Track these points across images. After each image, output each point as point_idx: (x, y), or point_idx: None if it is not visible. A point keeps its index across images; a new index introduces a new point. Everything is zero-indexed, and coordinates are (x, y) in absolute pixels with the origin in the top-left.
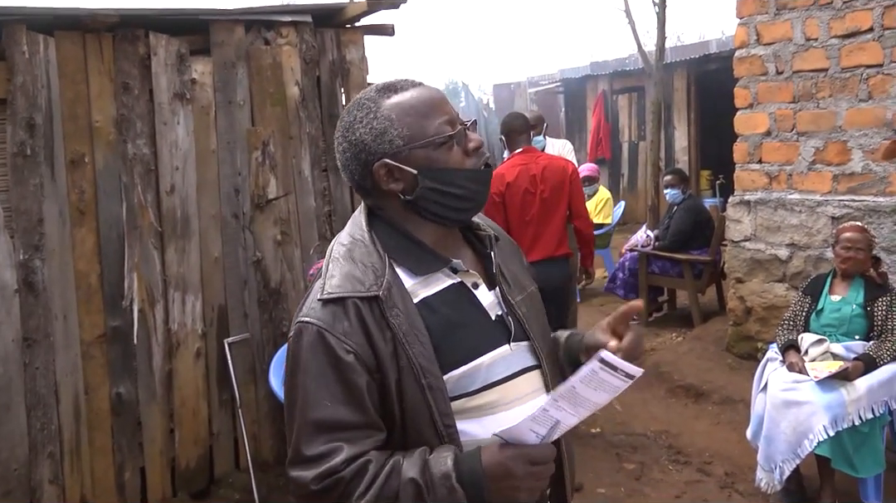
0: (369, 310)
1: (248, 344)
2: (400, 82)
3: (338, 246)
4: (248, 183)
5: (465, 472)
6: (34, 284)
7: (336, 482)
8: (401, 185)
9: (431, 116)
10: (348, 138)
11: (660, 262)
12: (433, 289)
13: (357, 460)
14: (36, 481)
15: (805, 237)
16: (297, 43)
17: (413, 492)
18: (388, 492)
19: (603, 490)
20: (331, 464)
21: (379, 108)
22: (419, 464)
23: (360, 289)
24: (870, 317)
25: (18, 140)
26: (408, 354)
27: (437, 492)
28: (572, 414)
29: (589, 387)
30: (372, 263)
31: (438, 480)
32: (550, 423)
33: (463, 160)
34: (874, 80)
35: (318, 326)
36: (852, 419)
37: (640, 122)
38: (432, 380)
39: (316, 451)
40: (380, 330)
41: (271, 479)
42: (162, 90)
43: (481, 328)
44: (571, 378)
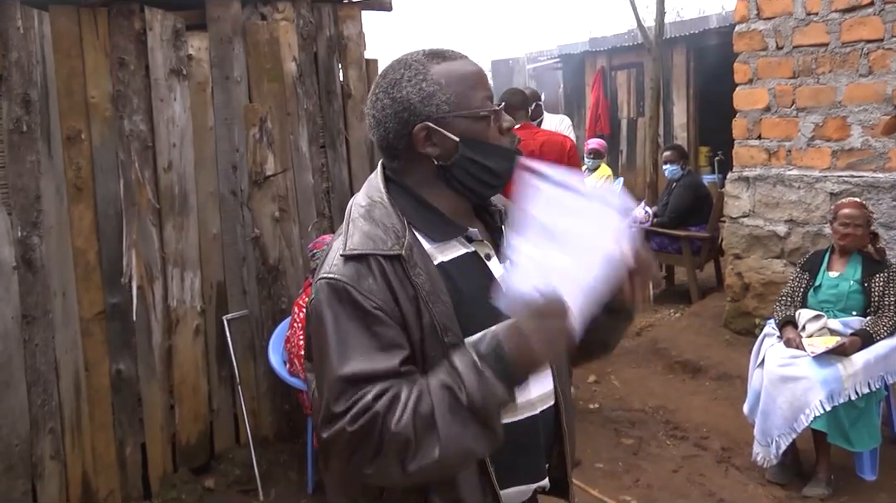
0: (392, 268)
1: (247, 321)
2: (448, 51)
3: (356, 207)
4: (245, 159)
5: (488, 353)
6: (32, 261)
7: (373, 417)
8: (437, 150)
9: (478, 89)
10: (392, 95)
11: (658, 239)
12: (449, 256)
13: (387, 392)
14: (37, 457)
15: (803, 213)
16: (294, 18)
17: (446, 394)
18: (423, 407)
19: (601, 465)
20: (363, 403)
21: (429, 70)
22: (444, 368)
23: (383, 247)
24: (867, 293)
25: (14, 116)
26: (431, 313)
27: (467, 383)
28: (568, 255)
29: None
30: (392, 224)
31: (466, 371)
32: (544, 273)
33: (499, 137)
34: (874, 55)
35: (342, 282)
36: (848, 394)
37: (639, 98)
38: (454, 338)
39: (347, 404)
40: (403, 288)
41: (271, 455)
42: (158, 66)
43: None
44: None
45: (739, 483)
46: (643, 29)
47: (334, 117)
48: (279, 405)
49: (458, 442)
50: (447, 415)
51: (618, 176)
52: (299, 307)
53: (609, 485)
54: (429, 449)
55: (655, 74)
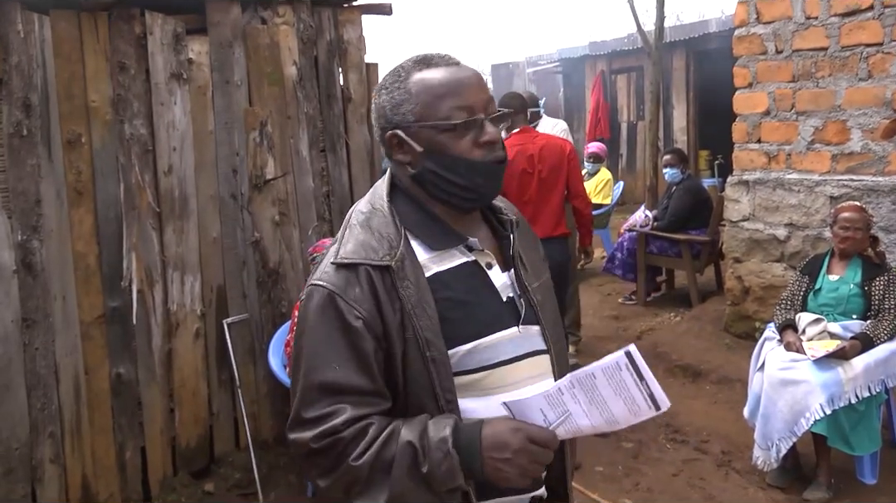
0: (381, 278)
1: (248, 324)
2: (436, 57)
3: (356, 213)
4: (245, 163)
5: (463, 440)
6: (33, 265)
7: (335, 442)
8: (408, 158)
9: (447, 99)
10: (375, 100)
11: (658, 242)
12: (446, 265)
13: (359, 422)
14: (37, 460)
15: (803, 217)
16: (295, 22)
17: (410, 455)
18: (385, 454)
19: (601, 468)
20: (332, 424)
21: (407, 78)
22: (419, 428)
23: (374, 257)
24: (867, 297)
25: (15, 120)
26: (414, 326)
27: (432, 456)
28: (585, 412)
29: (609, 385)
30: (388, 234)
31: (435, 444)
32: (562, 411)
33: (471, 150)
34: (874, 59)
35: (329, 290)
36: (849, 397)
37: (639, 101)
38: (436, 353)
39: (318, 413)
40: (389, 300)
41: (271, 458)
42: (158, 70)
43: (491, 308)
44: (594, 364)
45: (740, 487)
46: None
47: (334, 121)
48: (279, 408)
49: (406, 497)
50: (404, 472)
51: (618, 180)
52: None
53: (609, 488)
54: (378, 492)
55: (655, 78)
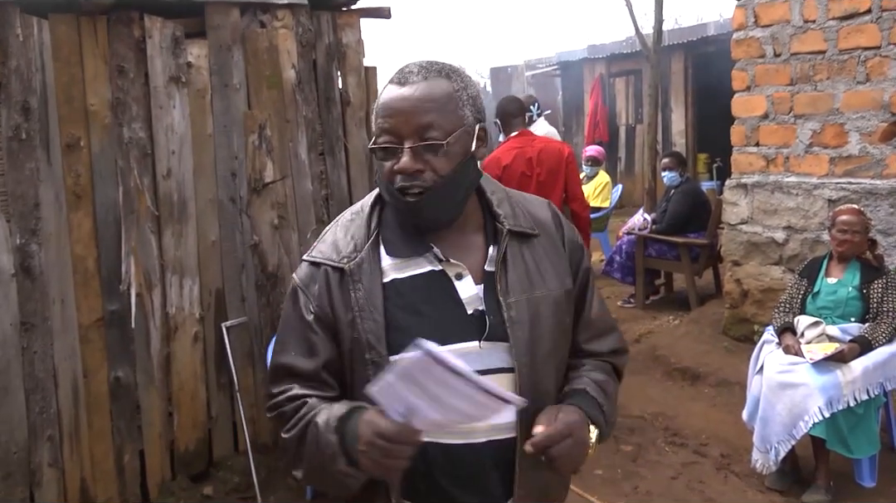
0: (338, 279)
1: (246, 328)
2: (401, 74)
3: (346, 212)
4: (244, 167)
5: (346, 425)
6: (31, 269)
7: (280, 415)
8: None
9: (378, 122)
10: None
11: (657, 246)
12: (407, 273)
13: (298, 399)
14: (35, 464)
15: (802, 220)
16: (293, 26)
17: (313, 433)
18: (304, 431)
19: (600, 472)
20: (279, 399)
21: (379, 92)
22: (330, 409)
23: (334, 258)
24: (866, 300)
25: (13, 124)
26: (359, 328)
27: (324, 437)
28: (431, 408)
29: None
30: (358, 237)
31: (326, 426)
32: (404, 404)
33: (389, 174)
34: (872, 63)
35: (296, 283)
36: (847, 400)
37: (638, 105)
38: (376, 356)
39: (275, 390)
40: (343, 299)
41: (270, 462)
42: (157, 73)
43: (449, 319)
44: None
45: (739, 490)
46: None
47: (333, 124)
48: None
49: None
50: (312, 449)
51: (616, 183)
52: None
53: (608, 491)
54: (298, 465)
55: (654, 81)
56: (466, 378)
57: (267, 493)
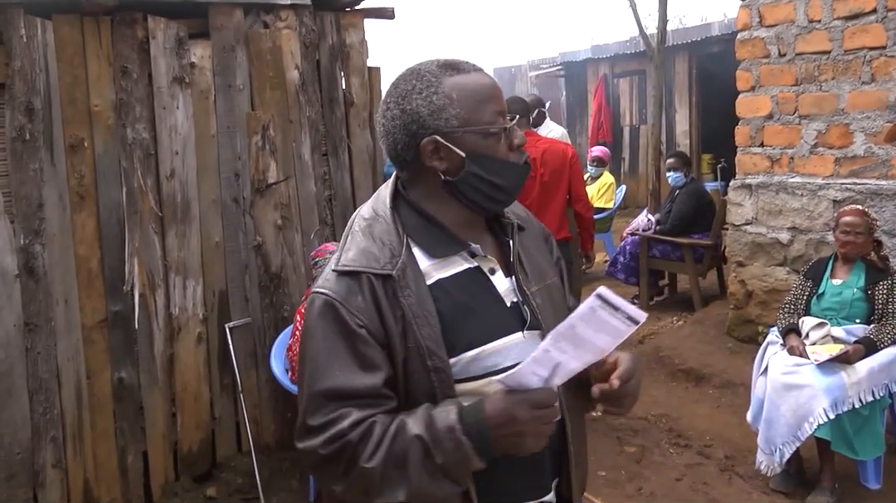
0: (382, 287)
1: (250, 328)
2: (463, 63)
3: (359, 219)
4: (248, 167)
5: (471, 423)
6: (35, 269)
7: (344, 445)
8: (444, 164)
9: (489, 104)
10: (402, 106)
11: (661, 246)
12: (448, 272)
13: (363, 423)
14: (39, 465)
15: (806, 221)
16: (297, 26)
17: (421, 450)
18: (395, 451)
19: (604, 473)
20: (339, 428)
21: (441, 83)
22: (423, 419)
23: (375, 265)
24: (871, 301)
25: (17, 125)
26: (416, 335)
27: (443, 446)
28: (574, 356)
29: (589, 328)
30: (390, 241)
31: (444, 434)
32: (551, 365)
33: (507, 153)
34: (877, 63)
35: (331, 298)
36: (852, 402)
37: (642, 105)
38: (438, 362)
39: (323, 420)
40: (391, 308)
41: (273, 463)
42: (161, 74)
43: (494, 314)
44: (571, 316)
45: (743, 491)
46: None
47: (337, 125)
48: (281, 413)
49: (425, 490)
50: (418, 466)
51: (620, 184)
52: (301, 315)
53: (612, 493)
54: (396, 490)
55: (658, 82)
56: (622, 309)
57: (270, 494)
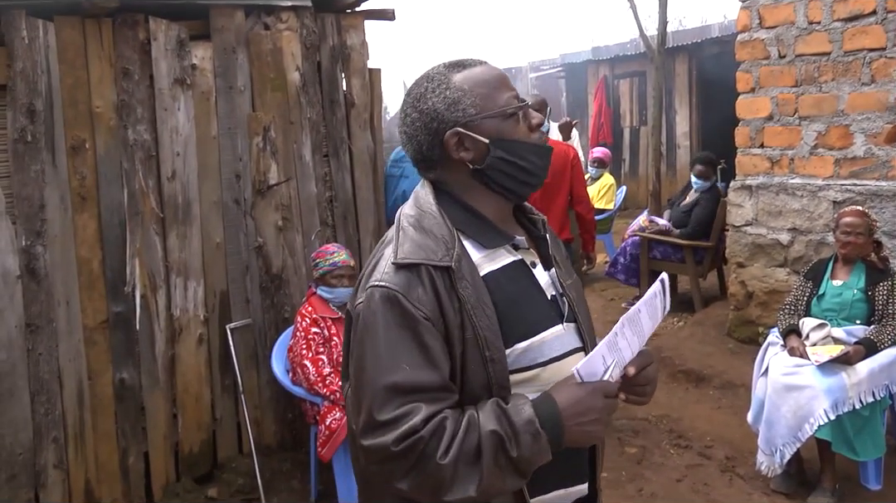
0: (441, 279)
1: (251, 329)
2: (468, 60)
3: (405, 217)
4: (249, 168)
5: (545, 416)
6: (36, 270)
7: (416, 441)
8: (471, 154)
9: (501, 89)
10: (419, 108)
11: (661, 247)
12: (497, 265)
13: (434, 418)
14: (40, 466)
15: (807, 222)
16: (298, 28)
17: (495, 444)
18: (469, 447)
19: (604, 474)
20: (411, 424)
21: (450, 80)
22: (496, 414)
23: (434, 257)
24: (871, 302)
25: (19, 126)
26: (475, 326)
27: (520, 439)
28: (629, 344)
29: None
30: (442, 234)
31: (521, 427)
32: (615, 354)
33: (528, 134)
34: (877, 64)
35: (393, 290)
36: (853, 403)
37: (642, 106)
38: (495, 352)
39: (393, 415)
40: (450, 300)
41: (274, 464)
42: (162, 76)
43: (540, 306)
44: (639, 302)
45: (744, 492)
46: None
47: (337, 126)
48: (282, 414)
49: (496, 484)
50: (492, 461)
51: (620, 185)
52: (302, 316)
53: (613, 494)
54: (467, 485)
55: (658, 83)
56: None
57: (271, 495)
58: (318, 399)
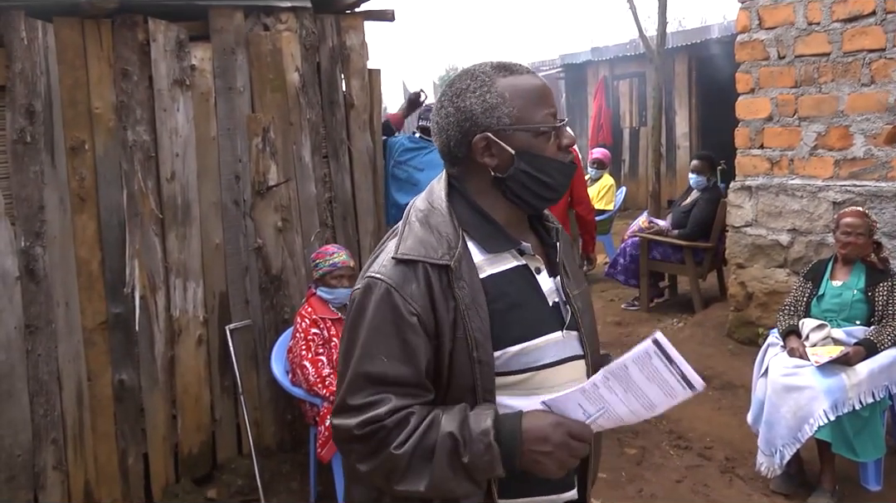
0: (438, 277)
1: (250, 330)
2: (515, 65)
3: (414, 211)
4: (248, 169)
5: (504, 431)
6: (35, 272)
7: (378, 429)
8: (495, 161)
9: (541, 105)
10: (456, 104)
11: (661, 248)
12: (499, 268)
13: (401, 411)
14: (40, 467)
15: (806, 222)
16: (297, 29)
17: (450, 446)
18: (425, 443)
19: (604, 475)
20: (376, 412)
21: (494, 83)
22: (459, 418)
23: (433, 255)
24: (871, 303)
25: (18, 127)
26: (466, 327)
27: (473, 447)
28: (622, 400)
29: (642, 373)
30: (447, 233)
31: (476, 436)
32: (600, 404)
33: (556, 152)
34: (876, 65)
35: (387, 283)
36: (853, 404)
37: (641, 107)
38: (483, 354)
39: (363, 401)
40: (444, 298)
41: (274, 465)
42: (161, 76)
43: (538, 312)
44: (624, 356)
45: (743, 493)
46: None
47: (337, 127)
48: (281, 415)
49: (445, 485)
50: (444, 462)
51: (620, 185)
52: (301, 317)
53: (612, 495)
54: (417, 479)
55: (657, 84)
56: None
57: (270, 496)
58: (318, 400)
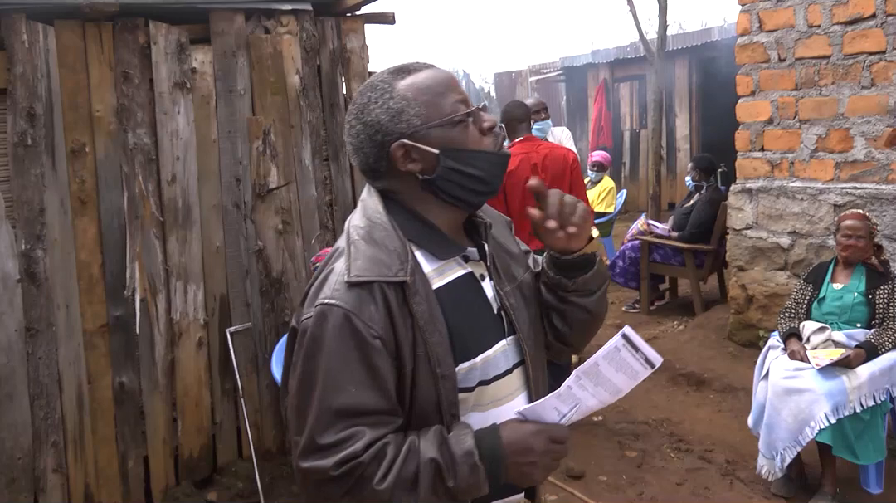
0: (394, 295)
1: (250, 333)
2: (411, 64)
3: (354, 228)
4: (249, 172)
5: (486, 449)
6: (36, 274)
7: (356, 466)
8: (419, 165)
9: (446, 95)
10: (362, 119)
11: (662, 251)
12: (448, 278)
13: (375, 443)
14: (40, 470)
15: (807, 225)
16: (298, 31)
17: (433, 472)
18: (406, 473)
19: (605, 478)
20: (352, 449)
21: (394, 88)
22: (437, 442)
23: (388, 273)
24: (871, 305)
25: (19, 130)
26: (426, 342)
27: (458, 470)
28: (592, 394)
29: (611, 366)
30: (395, 247)
31: (460, 458)
32: (573, 402)
33: (480, 140)
34: (877, 67)
35: (344, 309)
36: (853, 406)
37: (642, 110)
38: (446, 370)
39: (335, 438)
40: (402, 316)
41: (274, 468)
42: (162, 79)
43: (485, 322)
44: (596, 354)
45: (744, 496)
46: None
47: (337, 130)
48: (282, 418)
49: None
50: (429, 489)
51: (620, 188)
52: None
53: (613, 498)
54: None
55: (658, 86)
56: (642, 351)
57: (271, 499)
58: None
